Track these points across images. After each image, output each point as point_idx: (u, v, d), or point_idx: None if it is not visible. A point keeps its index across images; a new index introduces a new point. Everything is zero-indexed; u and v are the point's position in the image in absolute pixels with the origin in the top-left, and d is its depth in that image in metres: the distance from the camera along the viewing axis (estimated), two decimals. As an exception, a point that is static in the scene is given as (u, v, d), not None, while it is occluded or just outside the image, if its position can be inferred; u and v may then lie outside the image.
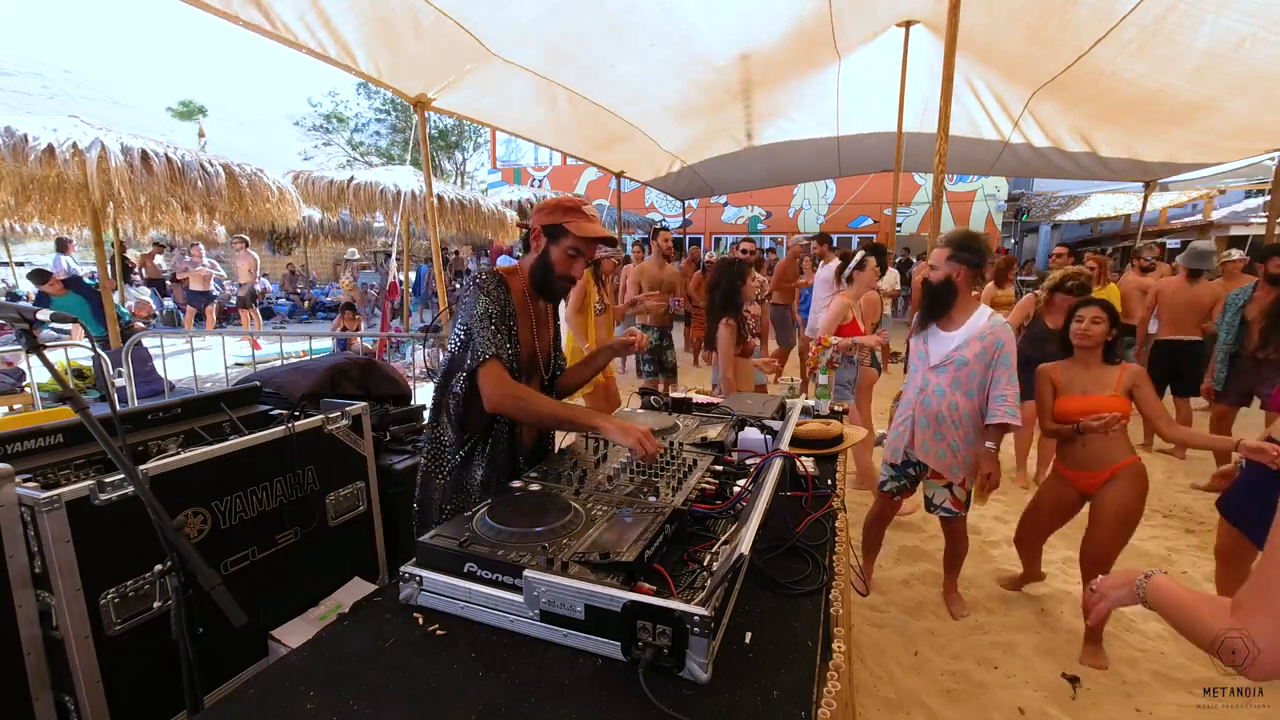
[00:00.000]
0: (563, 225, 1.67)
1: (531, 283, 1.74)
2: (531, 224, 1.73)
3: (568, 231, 1.66)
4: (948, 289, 2.52)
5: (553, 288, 1.73)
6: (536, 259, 1.72)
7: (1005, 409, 2.45)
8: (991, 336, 2.46)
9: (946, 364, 2.54)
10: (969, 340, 2.50)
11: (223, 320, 11.89)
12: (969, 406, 2.54)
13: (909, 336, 2.90)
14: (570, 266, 1.70)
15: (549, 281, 1.72)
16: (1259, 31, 3.71)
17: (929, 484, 2.74)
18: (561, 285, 1.73)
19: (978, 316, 2.52)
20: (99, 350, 1.63)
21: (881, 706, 2.29)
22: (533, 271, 1.73)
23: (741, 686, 0.94)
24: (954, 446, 2.58)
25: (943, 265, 2.51)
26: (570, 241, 1.67)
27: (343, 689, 0.94)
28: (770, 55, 5.34)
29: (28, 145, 4.57)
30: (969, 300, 2.56)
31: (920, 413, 2.63)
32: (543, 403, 1.63)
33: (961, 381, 2.52)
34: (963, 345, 2.51)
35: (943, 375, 2.56)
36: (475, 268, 15.63)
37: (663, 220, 17.53)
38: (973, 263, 2.50)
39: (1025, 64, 5.24)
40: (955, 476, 2.60)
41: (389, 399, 2.73)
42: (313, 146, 26.38)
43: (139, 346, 5.27)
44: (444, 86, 4.17)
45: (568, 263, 1.70)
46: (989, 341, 2.46)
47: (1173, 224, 14.01)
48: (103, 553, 1.46)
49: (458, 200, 8.57)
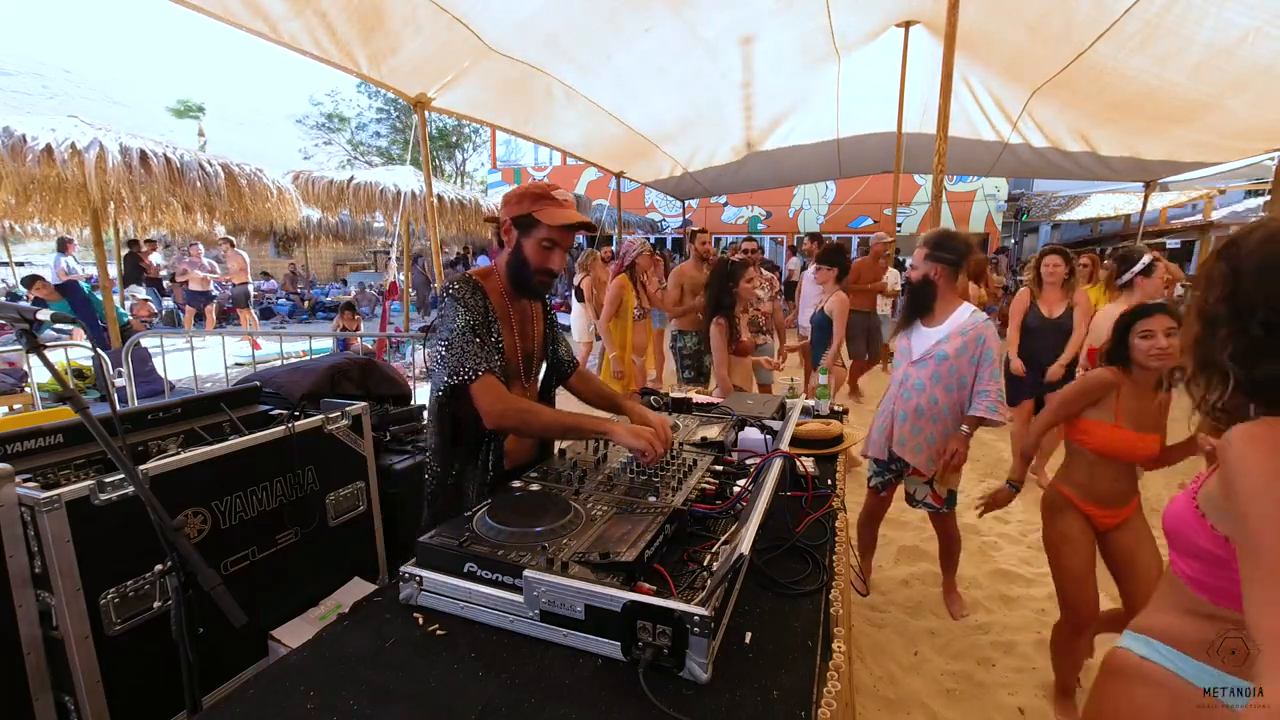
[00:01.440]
0: (532, 215, 1.54)
1: (509, 281, 1.62)
2: (500, 218, 1.60)
3: (538, 222, 1.54)
4: (927, 287, 2.57)
5: (531, 284, 1.61)
6: (510, 255, 1.59)
7: (987, 404, 2.44)
8: (974, 332, 2.48)
9: (927, 358, 2.56)
10: (950, 335, 2.52)
11: (223, 320, 11.89)
12: (948, 401, 2.54)
13: (891, 335, 2.89)
14: (546, 259, 1.58)
15: (525, 278, 1.60)
16: (1262, 25, 3.70)
17: (909, 480, 2.73)
18: (539, 281, 1.61)
19: (960, 312, 2.54)
20: (99, 350, 1.63)
21: (881, 706, 2.29)
22: (508, 269, 1.61)
23: (741, 686, 0.94)
24: (930, 440, 2.58)
25: (921, 265, 2.56)
26: (543, 232, 1.55)
27: (343, 689, 0.94)
28: (770, 45, 5.32)
29: (26, 145, 4.57)
30: (951, 297, 2.58)
31: (899, 407, 2.65)
32: (547, 414, 1.55)
33: (942, 376, 2.53)
34: (944, 340, 2.53)
35: (923, 369, 2.58)
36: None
37: (663, 220, 17.54)
38: (950, 261, 2.52)
39: (1026, 63, 5.24)
40: (930, 470, 2.60)
41: (389, 399, 2.73)
42: (313, 145, 26.40)
43: (139, 346, 5.27)
44: (443, 85, 4.17)
45: (543, 255, 1.57)
46: (970, 337, 2.48)
47: (1173, 224, 14.01)
48: (103, 553, 1.46)
49: (458, 200, 8.58)
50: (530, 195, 1.56)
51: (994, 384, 2.46)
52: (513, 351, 1.65)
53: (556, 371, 1.91)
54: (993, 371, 2.46)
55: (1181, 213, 14.59)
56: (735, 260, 3.45)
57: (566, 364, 1.92)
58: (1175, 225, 13.84)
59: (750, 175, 9.40)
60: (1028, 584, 3.11)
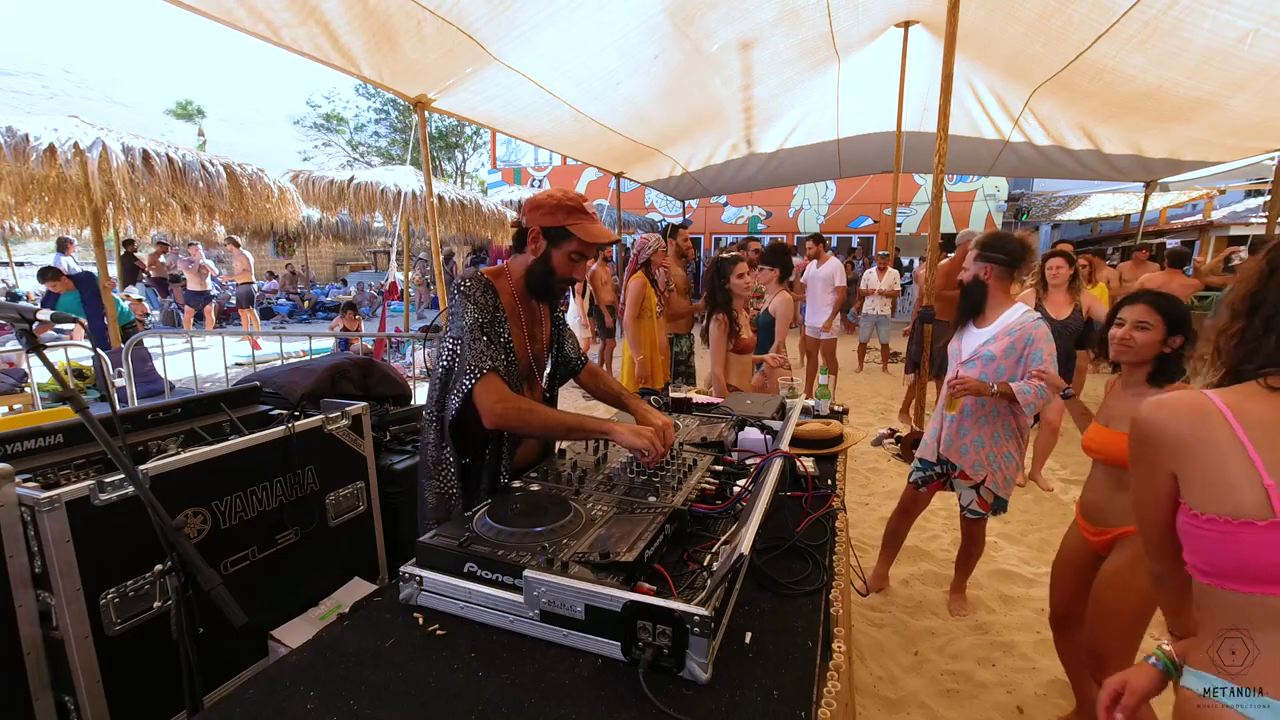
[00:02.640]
0: (567, 228, 1.56)
1: (527, 285, 1.64)
2: (528, 223, 1.61)
3: (572, 235, 1.56)
4: (978, 288, 2.57)
5: (552, 291, 1.64)
6: (535, 261, 1.61)
7: (1023, 388, 2.34)
8: (1021, 333, 2.43)
9: (974, 359, 2.55)
10: (997, 335, 2.50)
11: (225, 320, 11.89)
12: (994, 403, 2.50)
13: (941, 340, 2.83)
14: (573, 270, 1.60)
15: (549, 285, 1.62)
16: (1261, 27, 3.70)
17: (957, 484, 2.69)
18: (562, 289, 1.64)
19: (1011, 312, 2.52)
20: (99, 350, 1.63)
21: (881, 706, 2.29)
22: (529, 274, 1.62)
23: (742, 686, 0.94)
24: (978, 443, 2.56)
25: (972, 265, 2.58)
26: (575, 245, 1.57)
27: (343, 689, 0.94)
28: (770, 50, 5.34)
29: (29, 145, 4.56)
30: (1002, 298, 2.56)
31: (948, 409, 2.64)
32: (548, 414, 1.55)
33: (989, 377, 2.48)
34: (990, 340, 2.51)
35: (971, 371, 2.55)
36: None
37: (663, 220, 17.53)
38: (1002, 261, 2.52)
39: (1026, 62, 5.24)
40: (978, 474, 2.58)
41: (389, 399, 2.73)
42: (313, 146, 26.42)
43: (139, 346, 5.27)
44: (444, 88, 4.17)
45: (570, 267, 1.60)
46: (1018, 337, 2.43)
47: (1173, 224, 14.02)
48: (103, 553, 1.46)
49: (458, 200, 8.56)
50: (565, 208, 1.57)
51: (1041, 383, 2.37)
52: (522, 352, 1.66)
53: (565, 369, 1.91)
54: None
55: (1181, 213, 14.60)
56: (724, 257, 3.44)
57: (575, 361, 1.91)
58: (1175, 225, 13.84)
59: (750, 175, 9.41)
60: (1028, 584, 3.11)
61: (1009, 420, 2.54)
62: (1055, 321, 4.01)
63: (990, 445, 2.55)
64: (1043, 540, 3.59)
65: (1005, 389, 2.37)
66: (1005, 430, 2.54)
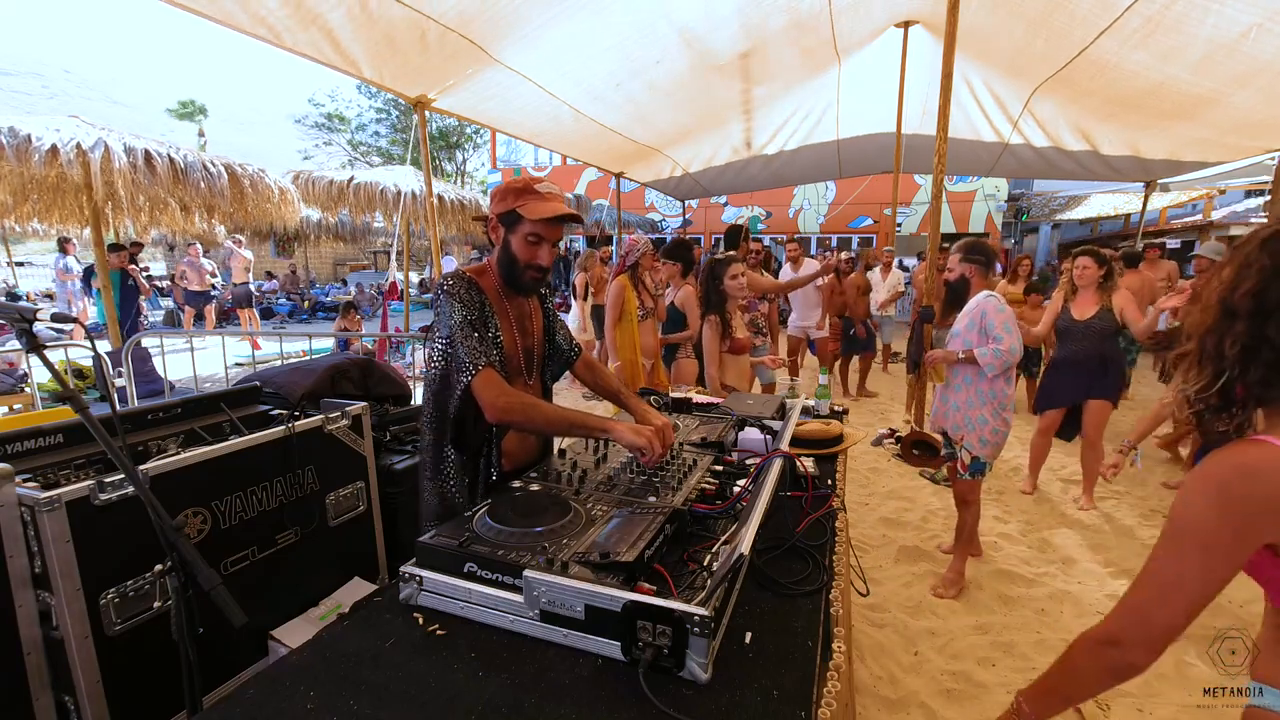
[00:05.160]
0: (516, 210, 1.53)
1: (502, 279, 1.63)
2: (489, 215, 1.61)
3: (522, 217, 1.53)
4: (962, 284, 3.08)
5: (521, 280, 1.61)
6: (500, 252, 1.60)
7: (981, 352, 2.84)
8: (977, 308, 2.94)
9: (952, 340, 3.08)
10: (962, 315, 3.06)
11: (222, 320, 11.89)
12: (965, 371, 2.98)
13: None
14: (534, 254, 1.57)
15: (516, 274, 1.60)
16: (1265, 22, 3.69)
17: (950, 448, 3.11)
18: (530, 277, 1.60)
19: (974, 299, 3.01)
20: (99, 350, 1.63)
21: (881, 706, 2.29)
22: (499, 266, 1.61)
23: (742, 686, 0.94)
24: (956, 407, 3.02)
25: (957, 267, 3.07)
26: (527, 227, 1.54)
27: (343, 689, 0.94)
28: (770, 54, 5.35)
29: (31, 145, 4.57)
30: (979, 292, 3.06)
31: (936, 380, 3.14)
32: (549, 409, 1.53)
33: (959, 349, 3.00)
34: (959, 319, 3.07)
35: (952, 346, 3.07)
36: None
37: (663, 220, 17.54)
38: (981, 262, 3.03)
39: (1026, 60, 5.23)
40: (957, 435, 3.00)
41: (389, 399, 2.73)
42: (313, 146, 26.44)
43: (139, 346, 5.27)
44: (444, 88, 4.17)
45: (530, 250, 1.56)
46: (975, 311, 2.96)
47: (1173, 224, 14.00)
48: (103, 553, 1.46)
49: (458, 200, 8.57)
50: (513, 190, 1.55)
51: (1000, 344, 2.83)
52: (512, 348, 1.65)
53: (559, 359, 1.88)
54: (997, 336, 2.84)
55: (1181, 213, 14.58)
56: (718, 258, 3.44)
57: (568, 351, 1.89)
58: (1175, 225, 13.83)
59: (750, 176, 9.41)
60: (1028, 584, 3.11)
61: (981, 387, 2.93)
62: (1078, 322, 3.90)
63: (965, 409, 2.98)
64: (1043, 540, 3.58)
65: (969, 355, 2.90)
66: (979, 396, 2.94)
